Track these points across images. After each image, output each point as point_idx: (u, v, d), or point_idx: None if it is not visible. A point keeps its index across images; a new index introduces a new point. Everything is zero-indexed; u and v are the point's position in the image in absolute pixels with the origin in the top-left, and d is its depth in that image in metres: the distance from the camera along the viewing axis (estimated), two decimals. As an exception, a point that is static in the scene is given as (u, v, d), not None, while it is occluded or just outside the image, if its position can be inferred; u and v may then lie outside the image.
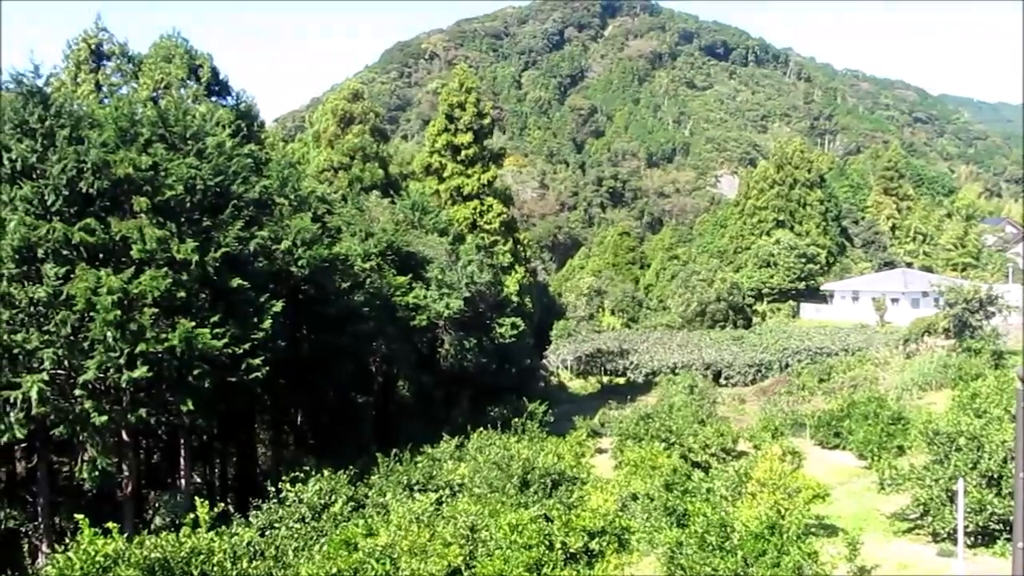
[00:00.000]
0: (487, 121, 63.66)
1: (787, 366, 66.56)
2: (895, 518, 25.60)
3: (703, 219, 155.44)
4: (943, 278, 78.39)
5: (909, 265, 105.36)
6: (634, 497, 26.11)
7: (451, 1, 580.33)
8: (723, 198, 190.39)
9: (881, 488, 26.18)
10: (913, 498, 24.54)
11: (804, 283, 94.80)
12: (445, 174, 61.28)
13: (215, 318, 23.76)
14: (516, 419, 40.96)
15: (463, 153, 61.03)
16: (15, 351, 21.68)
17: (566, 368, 78.42)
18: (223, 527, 19.59)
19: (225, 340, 23.48)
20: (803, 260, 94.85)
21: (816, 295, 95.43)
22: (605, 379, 75.47)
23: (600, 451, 41.04)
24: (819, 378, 59.33)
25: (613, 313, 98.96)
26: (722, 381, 66.08)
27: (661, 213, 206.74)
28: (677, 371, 64.94)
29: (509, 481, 26.95)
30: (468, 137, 61.02)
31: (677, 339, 78.16)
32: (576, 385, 75.10)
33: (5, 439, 22.22)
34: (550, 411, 45.51)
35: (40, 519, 26.39)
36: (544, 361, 73.44)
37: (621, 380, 73.43)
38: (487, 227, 59.68)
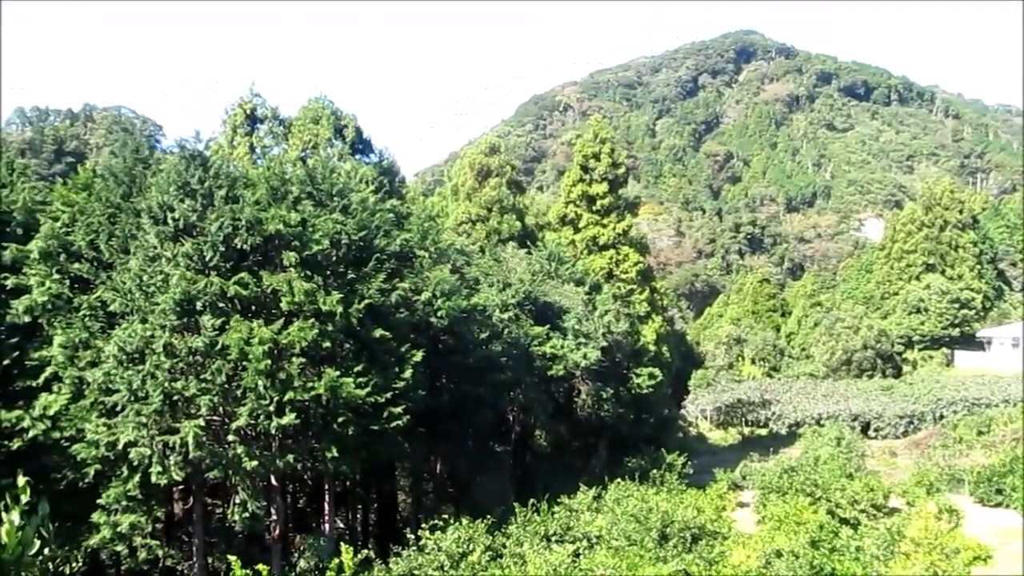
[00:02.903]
0: (622, 171, 63.77)
1: (941, 418, 63.19)
2: (1067, 583, 23.77)
3: (847, 264, 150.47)
4: (1116, 324, 73.13)
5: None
6: (778, 554, 25.18)
7: (584, 53, 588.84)
8: (867, 242, 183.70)
9: (1050, 550, 24.41)
10: (1088, 562, 22.75)
11: (958, 330, 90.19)
12: (580, 224, 61.59)
13: (359, 367, 24.48)
14: (654, 470, 40.35)
15: (598, 203, 61.24)
16: (175, 398, 22.93)
17: (705, 418, 76.83)
18: (365, 573, 20.02)
19: (368, 389, 24.14)
20: (956, 306, 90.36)
21: (972, 342, 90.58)
22: (746, 430, 73.52)
23: (741, 505, 39.88)
24: (978, 430, 56.03)
25: (753, 362, 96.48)
26: (871, 433, 63.30)
27: (802, 259, 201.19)
28: (822, 422, 62.68)
29: (648, 534, 26.53)
30: (603, 187, 61.24)
31: (822, 389, 75.57)
32: (716, 436, 73.38)
33: (165, 481, 23.41)
34: (689, 463, 44.61)
35: (195, 558, 27.56)
36: (682, 411, 72.27)
37: (763, 431, 71.36)
38: (623, 276, 59.49)
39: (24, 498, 5.08)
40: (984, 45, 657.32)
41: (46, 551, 5.46)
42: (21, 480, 5.09)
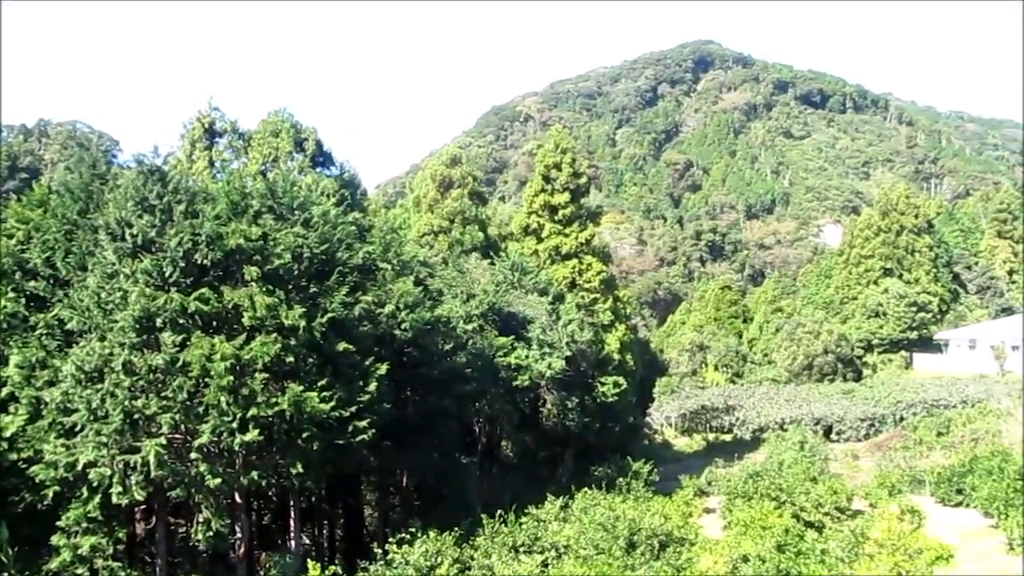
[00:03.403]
0: (583, 180, 64.01)
1: (902, 420, 64.02)
2: (1027, 580, 24.16)
3: (806, 270, 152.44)
4: (1067, 324, 74.67)
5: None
6: (745, 559, 25.34)
7: (543, 64, 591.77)
8: (826, 248, 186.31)
9: (1010, 548, 24.84)
10: (1046, 559, 23.16)
11: (916, 333, 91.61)
12: (543, 234, 61.72)
13: (322, 382, 24.29)
14: (620, 478, 40.43)
15: (560, 213, 61.42)
16: (136, 416, 22.58)
17: (670, 426, 77.19)
18: (333, 589, 19.83)
19: (332, 403, 23.95)
20: (914, 309, 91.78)
21: (930, 345, 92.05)
22: (711, 436, 73.93)
23: (708, 511, 40.08)
24: (937, 432, 56.82)
25: (717, 368, 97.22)
26: (833, 436, 63.93)
27: (763, 265, 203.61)
28: (785, 427, 63.24)
29: (615, 543, 26.59)
30: (565, 197, 61.43)
31: (784, 394, 76.28)
32: (681, 443, 73.72)
33: (126, 501, 23.04)
34: (655, 470, 44.77)
35: (158, 580, 27.15)
36: (647, 419, 72.48)
37: (727, 437, 71.84)
38: (587, 285, 59.66)
39: (-18, 523, 4.97)
40: (936, 53, 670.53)
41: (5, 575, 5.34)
42: (-22, 504, 4.97)
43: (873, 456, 55.62)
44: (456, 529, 27.05)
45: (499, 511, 29.62)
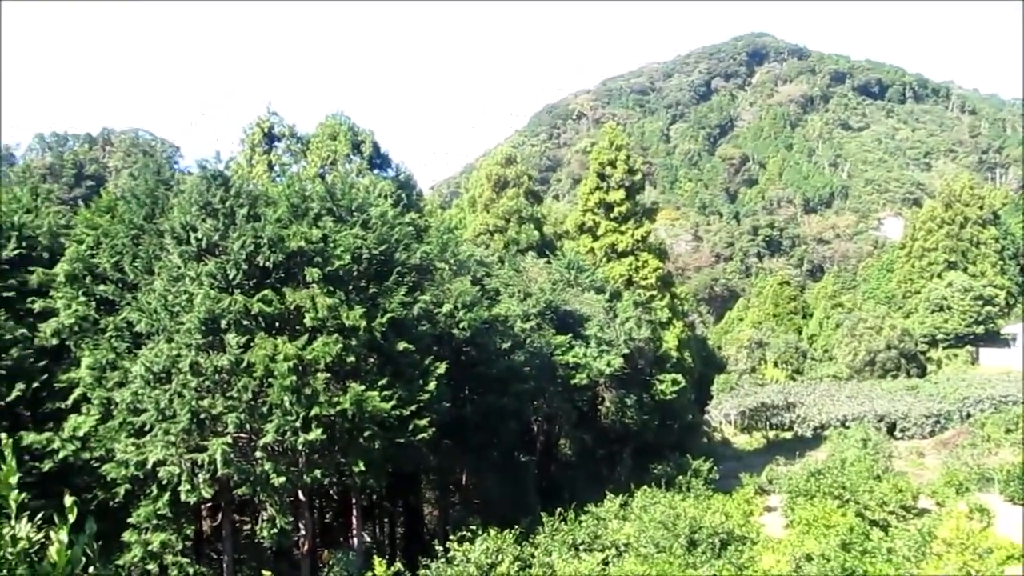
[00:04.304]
0: (638, 177, 63.73)
1: (968, 416, 62.61)
2: (1103, 581, 23.47)
3: (867, 264, 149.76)
4: None
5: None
6: (808, 558, 25.02)
7: (596, 61, 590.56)
8: (887, 241, 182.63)
9: (1084, 547, 24.13)
10: (1123, 558, 22.48)
11: (982, 327, 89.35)
12: (599, 232, 61.60)
13: (383, 381, 24.56)
14: (680, 477, 40.23)
15: (616, 210, 61.24)
16: (202, 416, 23.10)
17: (729, 423, 76.53)
18: (397, 585, 20.03)
19: (393, 402, 24.22)
20: (980, 302, 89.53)
21: (997, 339, 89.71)
22: (770, 434, 73.11)
23: (769, 509, 39.66)
24: (1006, 428, 55.47)
25: (776, 365, 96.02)
26: (897, 434, 62.82)
27: (821, 260, 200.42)
28: (847, 424, 62.31)
29: (676, 541, 26.44)
30: (620, 194, 61.23)
31: (846, 390, 75.17)
32: (740, 441, 73.04)
33: (194, 499, 23.58)
34: (715, 468, 44.45)
35: (225, 575, 27.69)
36: (706, 416, 71.97)
37: (787, 434, 70.98)
38: (643, 283, 59.40)
39: (71, 517, 5.16)
40: (999, 39, 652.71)
41: (91, 570, 5.54)
42: (68, 499, 5.17)
43: (939, 454, 54.52)
44: (516, 527, 27.13)
45: (558, 509, 29.65)
